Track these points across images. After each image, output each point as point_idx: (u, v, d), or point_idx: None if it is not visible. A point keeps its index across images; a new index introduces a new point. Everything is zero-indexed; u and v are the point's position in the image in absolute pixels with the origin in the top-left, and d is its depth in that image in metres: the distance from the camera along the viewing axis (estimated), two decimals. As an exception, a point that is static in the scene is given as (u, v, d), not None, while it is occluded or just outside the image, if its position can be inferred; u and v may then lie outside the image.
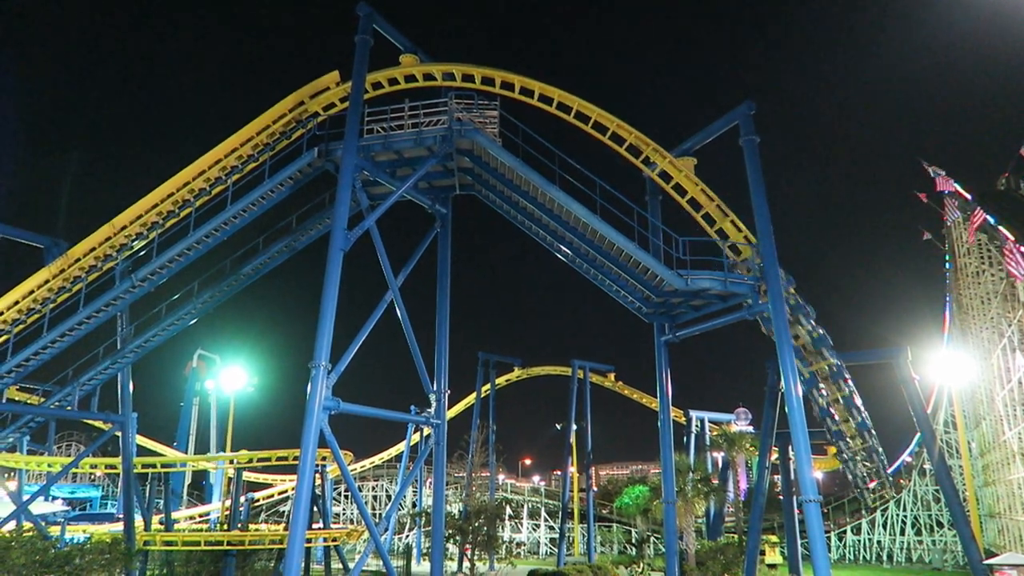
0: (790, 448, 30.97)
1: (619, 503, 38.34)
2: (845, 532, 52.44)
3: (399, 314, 22.78)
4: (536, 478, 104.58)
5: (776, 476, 37.09)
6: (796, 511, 31.81)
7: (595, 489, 51.85)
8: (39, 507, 40.79)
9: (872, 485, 33.11)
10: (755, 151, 23.01)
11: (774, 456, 31.73)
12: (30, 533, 22.02)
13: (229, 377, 57.45)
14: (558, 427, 61.80)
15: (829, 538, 51.75)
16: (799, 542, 31.80)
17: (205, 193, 24.23)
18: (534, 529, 61.86)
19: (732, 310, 23.13)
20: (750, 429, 46.89)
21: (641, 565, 33.41)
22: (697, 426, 50.50)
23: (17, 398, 36.66)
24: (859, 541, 51.95)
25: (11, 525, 23.17)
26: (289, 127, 24.49)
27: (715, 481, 35.04)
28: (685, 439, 49.32)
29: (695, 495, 30.66)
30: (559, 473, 64.38)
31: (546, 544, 60.56)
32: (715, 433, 47.39)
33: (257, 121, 24.22)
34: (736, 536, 35.53)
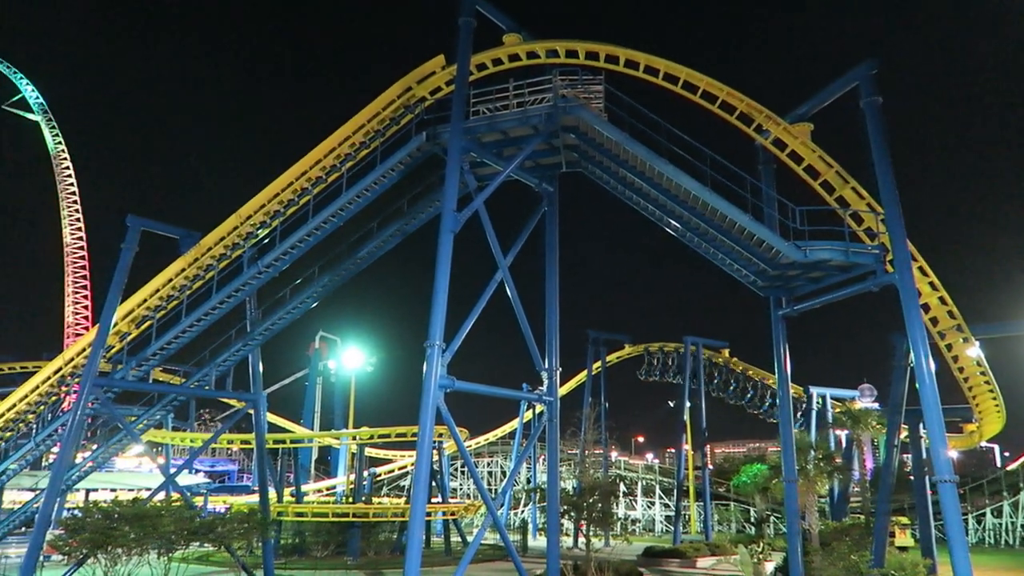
0: (921, 426, 29.34)
1: (736, 481, 37.49)
2: (984, 515, 49.30)
3: (509, 293, 23.02)
4: (649, 456, 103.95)
5: (906, 455, 35.25)
6: (928, 492, 30.24)
7: (711, 467, 50.95)
8: (184, 479, 44.15)
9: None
10: (877, 113, 21.68)
11: (903, 434, 30.15)
12: (178, 503, 23.81)
13: (349, 357, 59.92)
14: (671, 404, 61.17)
15: (966, 520, 48.87)
16: (932, 524, 30.23)
17: (322, 181, 25.23)
18: (649, 507, 61.52)
19: (854, 282, 21.99)
20: (875, 406, 44.72)
21: (761, 544, 32.59)
22: (818, 403, 48.56)
23: (161, 379, 39.54)
24: (1000, 524, 48.73)
25: (161, 495, 25.11)
26: (398, 113, 25.10)
27: (838, 460, 33.56)
28: (805, 416, 47.60)
29: (817, 474, 29.54)
30: (673, 451, 63.60)
31: (661, 522, 60.12)
32: (838, 410, 45.47)
33: (367, 109, 24.96)
34: (863, 517, 34.05)
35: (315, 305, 28.09)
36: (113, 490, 49.46)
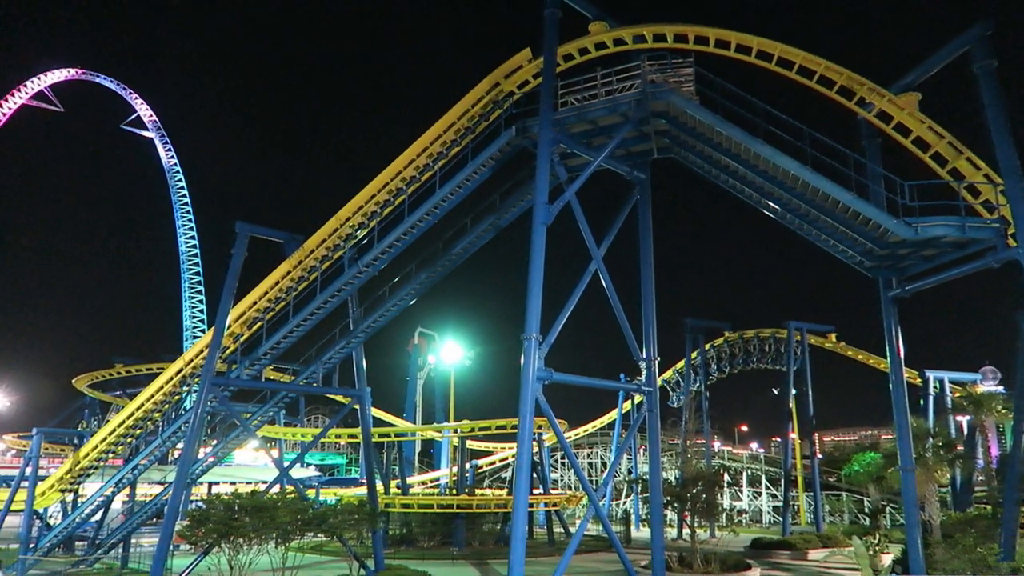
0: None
1: (848, 471, 35.99)
2: None
3: (604, 283, 22.89)
4: (754, 445, 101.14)
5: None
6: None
7: (820, 456, 49.14)
8: (296, 472, 46.08)
9: None
10: (993, 78, 20.33)
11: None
12: (292, 495, 24.94)
13: (447, 352, 61.04)
14: (775, 392, 59.36)
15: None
16: (1069, 515, 28.18)
17: (415, 180, 25.75)
18: (755, 497, 59.99)
19: (972, 258, 20.71)
20: (1000, 390, 42.08)
21: (877, 536, 31.24)
22: (935, 387, 46.09)
23: (272, 377, 41.41)
24: None
25: (276, 488, 26.34)
26: (487, 109, 25.32)
27: (960, 448, 31.75)
28: (921, 402, 45.24)
29: (936, 462, 28.06)
30: (778, 440, 61.73)
31: (769, 513, 58.52)
32: (958, 395, 43.04)
33: (457, 107, 25.29)
34: (989, 507, 32.11)
35: (413, 302, 28.76)
36: (233, 483, 52.08)
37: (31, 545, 31.30)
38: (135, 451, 32.09)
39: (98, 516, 33.22)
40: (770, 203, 22.83)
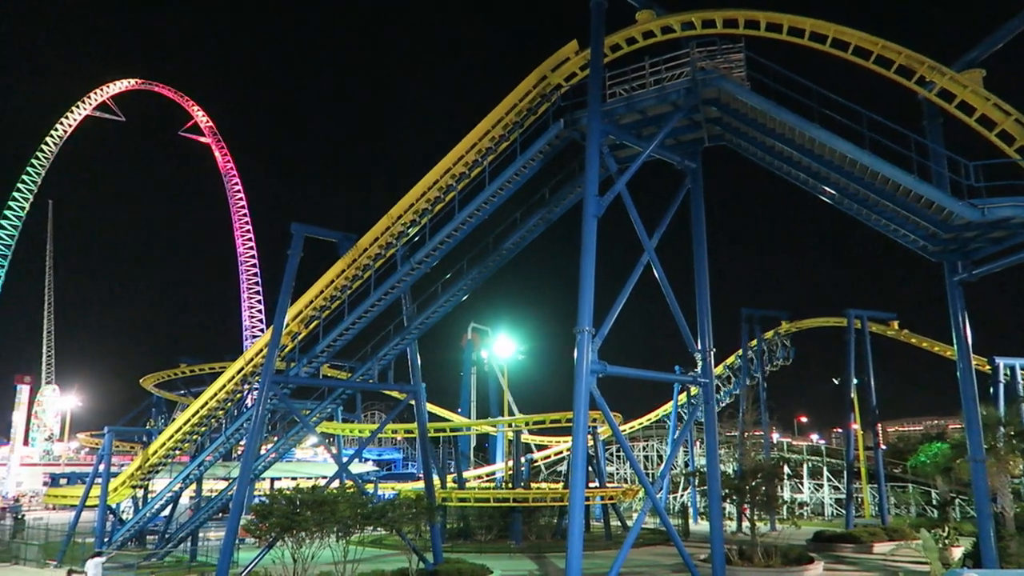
0: None
1: (914, 462, 34.95)
2: None
3: (656, 275, 22.66)
4: (815, 436, 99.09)
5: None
6: None
7: (883, 447, 47.83)
8: (355, 467, 46.92)
9: None
10: (1063, 49, 19.46)
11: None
12: (351, 490, 25.35)
13: (500, 346, 61.29)
14: (835, 381, 57.94)
15: None
16: None
17: (465, 177, 25.87)
18: (816, 489, 58.75)
19: (1044, 240, 19.89)
20: (1077, 376, 40.36)
21: (947, 529, 30.31)
22: (1006, 375, 44.39)
23: (329, 374, 42.12)
24: None
25: (336, 483, 26.81)
26: (534, 103, 25.27)
27: (1034, 437, 30.52)
28: (991, 390, 43.62)
29: (1008, 452, 27.04)
30: (839, 431, 60.30)
31: (831, 505, 57.27)
32: (1030, 382, 41.40)
33: (504, 102, 25.30)
34: (1066, 499, 30.89)
35: (465, 297, 28.93)
36: (294, 479, 53.21)
37: (105, 539, 32.55)
38: (200, 448, 33.04)
39: (167, 511, 34.34)
40: (826, 188, 22.29)
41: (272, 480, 54.82)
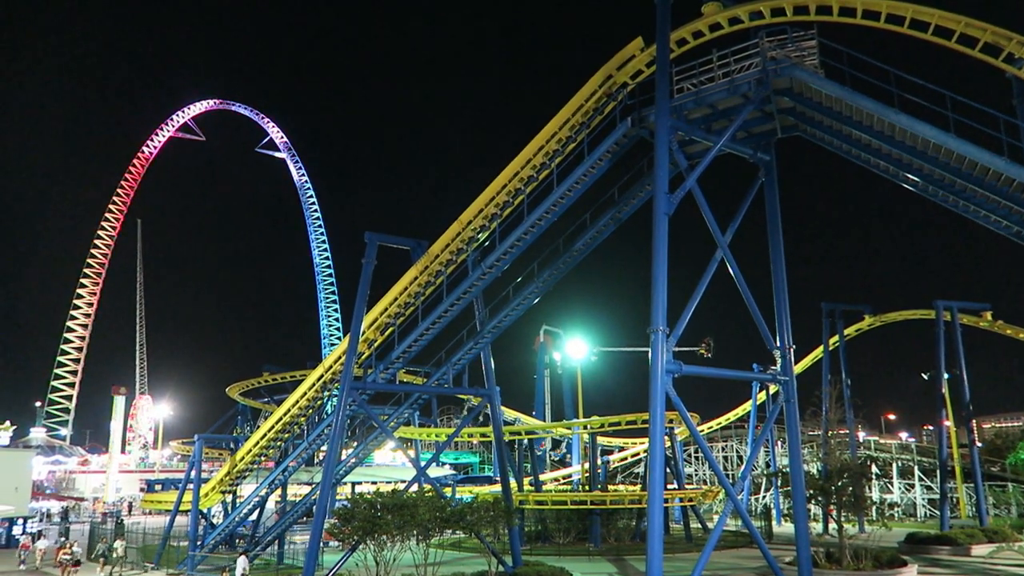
0: None
1: (1013, 459, 33.28)
2: None
3: (731, 271, 22.20)
4: (904, 434, 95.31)
5: None
6: None
7: (979, 444, 45.53)
8: (432, 471, 47.45)
9: None
10: None
11: None
12: (430, 493, 25.68)
13: (573, 348, 61.05)
14: (925, 376, 55.51)
15: None
16: None
17: (533, 180, 25.87)
18: (907, 489, 56.37)
19: None
20: None
21: (1052, 530, 28.68)
22: (1114, 366, 41.75)
23: (406, 379, 42.76)
24: None
25: (415, 487, 27.20)
26: (600, 102, 25.10)
27: None
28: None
29: (1120, 448, 25.45)
30: (930, 428, 57.70)
31: (924, 506, 54.84)
32: None
33: (570, 103, 25.20)
34: None
35: (537, 300, 28.93)
36: (374, 483, 54.24)
37: (198, 542, 33.86)
38: (284, 454, 34.02)
39: (255, 515, 35.49)
40: (909, 175, 21.42)
41: (353, 484, 55.99)
